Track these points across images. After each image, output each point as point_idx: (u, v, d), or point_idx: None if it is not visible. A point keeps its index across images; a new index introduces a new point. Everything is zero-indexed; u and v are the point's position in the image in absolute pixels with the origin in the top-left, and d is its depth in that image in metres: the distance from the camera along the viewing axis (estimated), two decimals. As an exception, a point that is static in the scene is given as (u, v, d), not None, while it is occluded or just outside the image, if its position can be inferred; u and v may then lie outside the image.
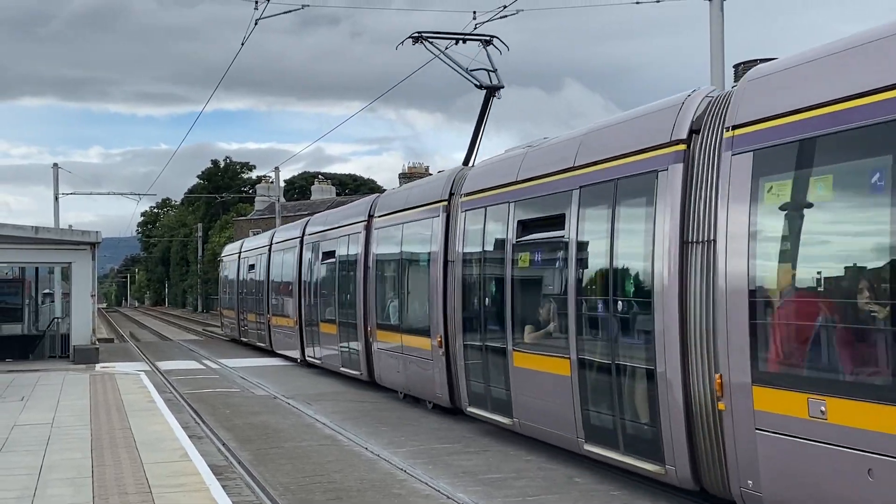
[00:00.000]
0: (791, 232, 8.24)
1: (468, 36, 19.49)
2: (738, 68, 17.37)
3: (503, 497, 10.83)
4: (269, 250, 32.18)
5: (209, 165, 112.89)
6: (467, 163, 18.60)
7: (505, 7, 18.81)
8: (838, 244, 7.89)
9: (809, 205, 7.99)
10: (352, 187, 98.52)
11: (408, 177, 46.56)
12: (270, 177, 70.54)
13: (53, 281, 35.41)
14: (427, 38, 19.43)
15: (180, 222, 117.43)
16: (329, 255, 23.89)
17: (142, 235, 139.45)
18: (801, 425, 7.79)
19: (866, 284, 7.33)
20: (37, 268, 33.46)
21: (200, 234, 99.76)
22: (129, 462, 12.03)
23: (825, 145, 7.76)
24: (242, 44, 23.59)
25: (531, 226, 12.86)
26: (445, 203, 16.35)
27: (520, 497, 10.86)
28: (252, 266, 35.50)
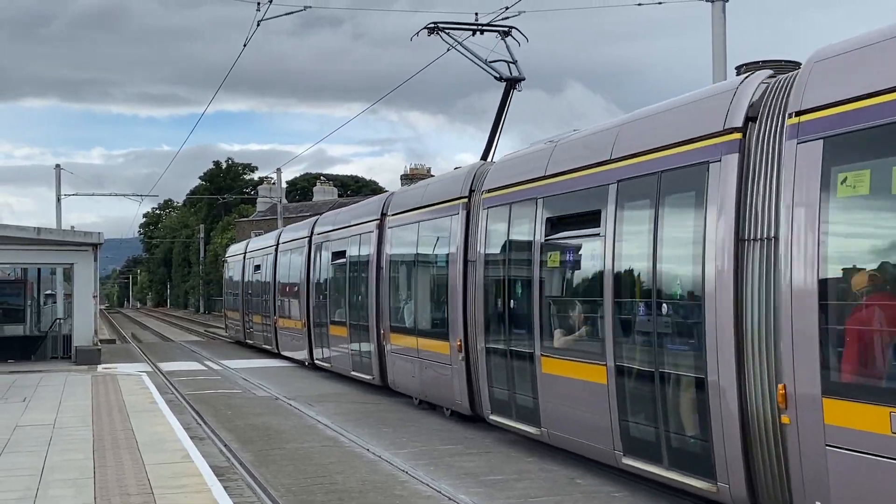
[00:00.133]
0: (868, 226, 7.50)
1: (485, 27, 18.94)
2: (741, 70, 17.32)
3: (505, 498, 10.81)
4: (276, 250, 31.40)
5: (211, 167, 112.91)
6: (485, 158, 17.98)
7: (507, 8, 18.74)
8: None
9: (892, 196, 7.19)
10: (354, 188, 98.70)
11: (409, 178, 46.47)
12: (272, 178, 70.64)
13: (55, 282, 35.34)
14: (443, 29, 18.85)
15: (182, 223, 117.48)
16: (339, 256, 23.21)
17: (144, 236, 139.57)
18: (882, 442, 7.03)
19: None
20: (39, 269, 33.79)
21: (202, 236, 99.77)
22: (131, 463, 12.05)
23: None
24: (245, 45, 23.59)
25: (562, 223, 12.13)
26: (465, 200, 15.66)
27: (521, 498, 10.84)
28: (258, 267, 34.71)
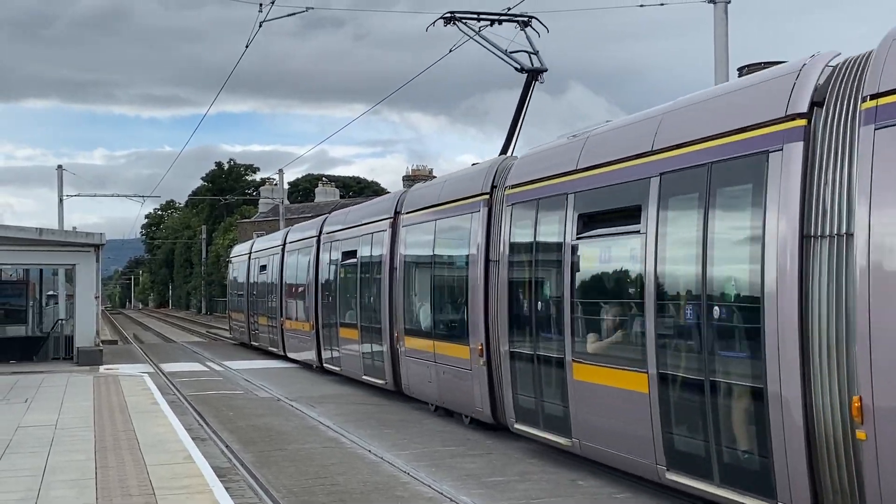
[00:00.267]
0: None
1: (504, 16, 18.36)
2: (743, 71, 17.32)
3: (506, 500, 10.79)
4: (283, 250, 30.61)
5: (213, 167, 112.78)
6: (505, 153, 17.27)
7: (509, 10, 18.75)
8: None
9: None
10: (355, 189, 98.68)
11: (411, 179, 46.45)
12: (274, 179, 70.64)
13: (57, 283, 35.40)
14: (460, 19, 18.24)
15: (184, 224, 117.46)
16: (349, 255, 22.40)
17: (146, 237, 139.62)
18: None
19: None
20: (41, 269, 33.40)
21: (204, 237, 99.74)
22: (133, 464, 12.04)
23: None
24: (247, 46, 23.49)
25: (596, 220, 11.39)
26: (487, 197, 14.87)
27: (523, 500, 10.81)
28: (263, 267, 33.91)
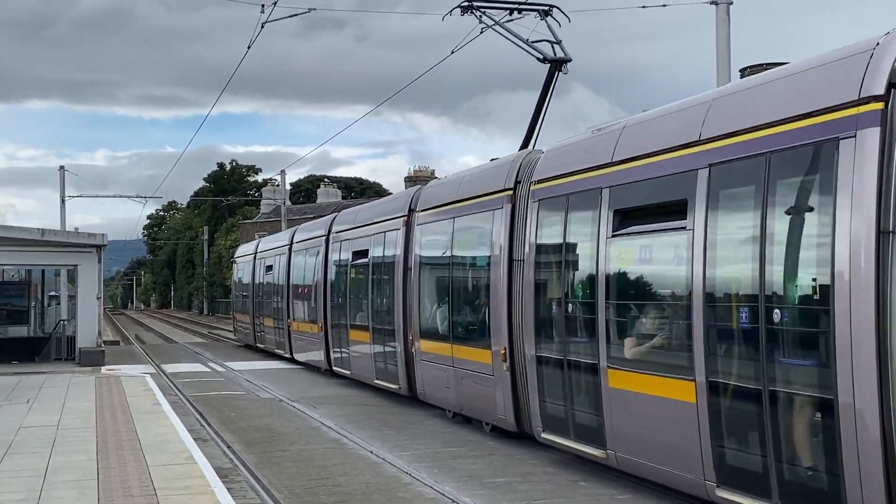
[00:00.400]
0: None
1: (523, 5, 17.77)
2: (745, 72, 17.31)
3: (508, 501, 10.78)
4: (290, 250, 29.80)
5: (215, 168, 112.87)
6: (526, 146, 16.57)
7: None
8: None
9: None
10: (357, 190, 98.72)
11: (413, 180, 46.40)
12: (276, 180, 70.59)
13: (59, 283, 35.55)
14: (478, 7, 17.67)
15: (186, 225, 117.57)
16: (360, 255, 21.67)
17: (148, 238, 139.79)
18: None
19: None
20: (43, 270, 33.50)
21: (206, 237, 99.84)
22: (135, 464, 12.06)
23: None
24: (249, 47, 23.41)
25: (634, 216, 10.67)
26: (510, 193, 14.14)
27: (525, 501, 10.81)
28: (269, 267, 33.09)
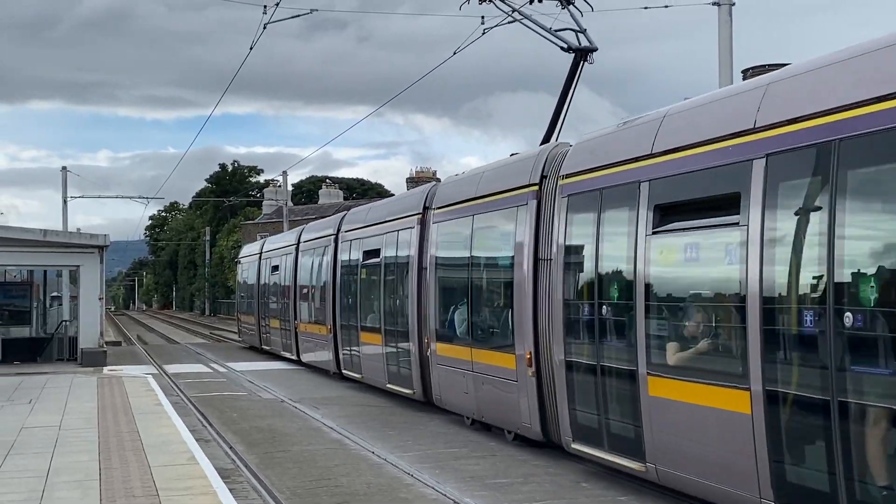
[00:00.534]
0: None
1: None
2: (747, 73, 17.34)
3: (510, 502, 10.79)
4: (297, 250, 29.09)
5: (217, 169, 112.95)
6: (548, 140, 15.83)
7: (513, 12, 18.72)
8: None
9: None
10: (359, 191, 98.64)
11: (415, 181, 46.36)
12: (278, 181, 70.52)
13: (62, 284, 35.74)
14: None
15: (188, 226, 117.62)
16: (371, 255, 20.92)
17: (150, 239, 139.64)
18: None
19: None
20: (45, 271, 33.77)
21: (208, 238, 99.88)
22: (137, 465, 12.05)
23: None
24: (251, 48, 23.46)
25: (677, 211, 9.93)
26: (536, 188, 13.38)
27: (527, 502, 10.81)
28: (276, 267, 32.31)
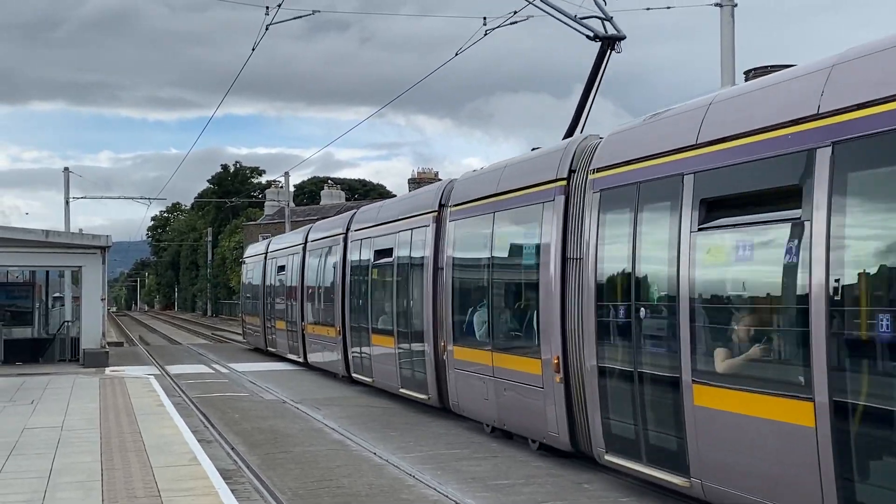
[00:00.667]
0: None
1: None
2: (749, 75, 17.31)
3: (511, 503, 10.80)
4: (304, 249, 28.42)
5: (219, 170, 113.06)
6: (572, 133, 15.19)
7: (515, 13, 18.68)
8: None
9: None
10: (361, 192, 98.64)
11: (417, 182, 46.31)
12: (280, 181, 70.58)
13: (64, 284, 35.75)
14: None
15: (190, 227, 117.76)
16: (383, 254, 20.34)
17: (152, 239, 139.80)
18: None
19: None
20: (47, 271, 33.82)
21: (210, 239, 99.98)
22: (139, 466, 12.05)
23: None
24: (253, 49, 23.44)
25: (727, 206, 9.19)
26: (563, 184, 12.67)
27: (528, 503, 10.83)
28: (282, 268, 31.72)
